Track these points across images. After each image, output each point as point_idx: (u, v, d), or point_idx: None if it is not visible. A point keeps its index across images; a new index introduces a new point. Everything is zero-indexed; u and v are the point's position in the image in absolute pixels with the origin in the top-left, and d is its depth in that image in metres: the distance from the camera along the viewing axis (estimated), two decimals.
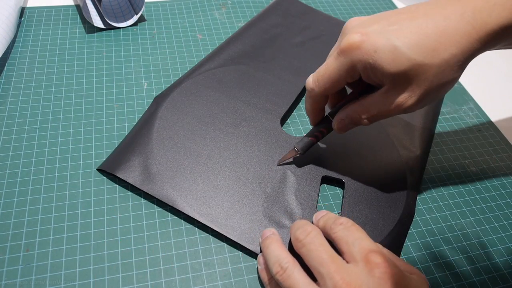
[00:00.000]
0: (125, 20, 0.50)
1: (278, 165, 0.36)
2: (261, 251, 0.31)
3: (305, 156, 0.37)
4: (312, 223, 0.31)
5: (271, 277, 0.28)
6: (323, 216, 0.30)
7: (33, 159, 0.36)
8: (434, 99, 0.29)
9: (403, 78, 0.27)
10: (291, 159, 0.37)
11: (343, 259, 0.26)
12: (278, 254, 0.28)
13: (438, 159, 0.41)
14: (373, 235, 0.33)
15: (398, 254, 0.33)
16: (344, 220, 0.28)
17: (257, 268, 0.31)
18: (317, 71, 0.31)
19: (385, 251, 0.27)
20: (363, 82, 0.30)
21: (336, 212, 0.36)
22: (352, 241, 0.26)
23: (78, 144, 0.38)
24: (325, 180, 0.37)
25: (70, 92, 0.42)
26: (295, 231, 0.28)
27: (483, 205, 0.38)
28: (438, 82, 0.27)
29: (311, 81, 0.32)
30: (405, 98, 0.28)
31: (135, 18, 0.50)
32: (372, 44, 0.27)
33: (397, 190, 0.36)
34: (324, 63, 0.30)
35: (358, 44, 0.27)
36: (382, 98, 0.29)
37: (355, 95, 0.32)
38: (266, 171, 0.36)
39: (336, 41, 0.31)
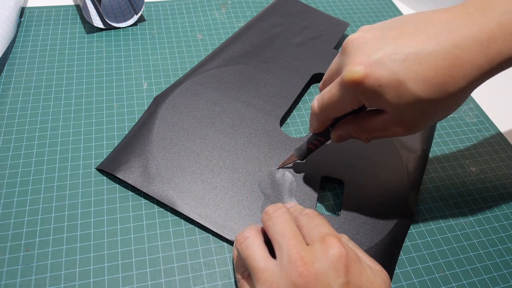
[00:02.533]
0: (125, 20, 0.50)
1: (278, 169, 0.37)
2: None
3: None
4: None
5: (244, 270, 0.28)
6: (291, 207, 0.30)
7: (33, 159, 0.36)
8: (438, 121, 0.28)
9: (407, 110, 0.26)
10: (290, 165, 0.37)
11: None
12: (245, 230, 0.28)
13: (438, 159, 0.41)
14: (373, 235, 0.33)
15: (398, 254, 0.33)
16: (309, 211, 0.28)
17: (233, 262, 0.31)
18: (321, 95, 0.30)
19: (345, 239, 0.28)
20: None
21: (336, 212, 0.36)
22: (312, 227, 0.26)
23: (78, 144, 0.38)
24: (325, 180, 0.37)
25: (70, 92, 0.42)
26: (267, 207, 0.28)
27: (483, 205, 0.38)
28: (443, 112, 0.27)
29: (316, 106, 0.30)
30: (408, 125, 0.27)
31: (135, 18, 0.50)
32: (376, 78, 0.25)
33: (397, 190, 0.36)
34: (328, 89, 0.29)
35: (360, 80, 0.25)
36: (384, 123, 0.28)
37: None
38: (266, 172, 0.36)
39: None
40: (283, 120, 0.42)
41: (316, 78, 0.47)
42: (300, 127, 0.42)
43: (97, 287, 0.29)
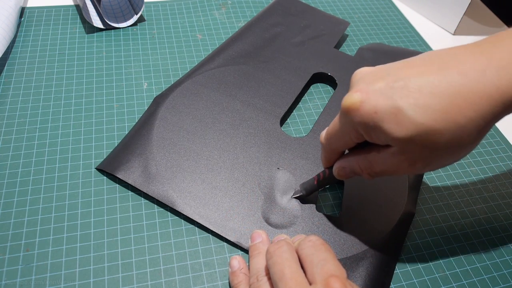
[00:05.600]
0: (125, 20, 0.50)
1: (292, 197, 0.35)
2: None
3: (304, 158, 0.37)
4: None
5: (239, 282, 0.29)
6: (295, 237, 0.29)
7: (33, 159, 0.36)
8: (449, 163, 0.26)
9: (410, 143, 0.24)
10: (298, 195, 0.35)
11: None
12: (259, 268, 0.28)
13: None
14: (373, 235, 0.33)
15: (398, 254, 0.33)
16: (314, 237, 0.26)
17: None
18: (328, 127, 0.29)
19: (350, 281, 0.26)
20: None
21: (336, 212, 0.36)
22: (316, 262, 0.25)
23: (78, 144, 0.38)
24: None
25: (70, 92, 0.42)
26: (269, 246, 0.27)
27: (483, 205, 0.38)
28: (453, 148, 0.24)
29: (323, 137, 0.30)
30: (414, 162, 0.25)
31: (135, 18, 0.50)
32: (372, 105, 0.24)
33: (397, 190, 0.36)
34: (334, 120, 0.28)
35: (357, 106, 0.24)
36: (388, 159, 0.26)
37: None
38: (266, 172, 0.36)
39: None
40: (283, 120, 0.42)
41: (316, 77, 0.47)
42: (300, 127, 0.42)
43: (97, 287, 0.29)
